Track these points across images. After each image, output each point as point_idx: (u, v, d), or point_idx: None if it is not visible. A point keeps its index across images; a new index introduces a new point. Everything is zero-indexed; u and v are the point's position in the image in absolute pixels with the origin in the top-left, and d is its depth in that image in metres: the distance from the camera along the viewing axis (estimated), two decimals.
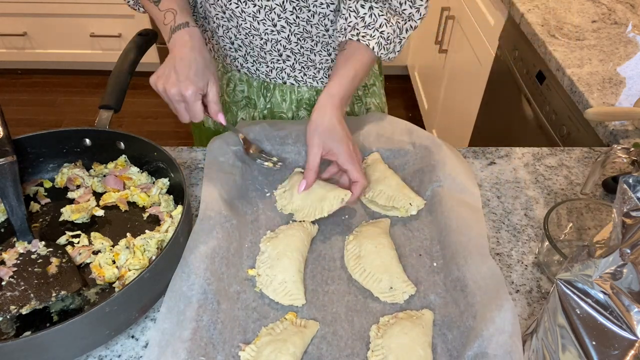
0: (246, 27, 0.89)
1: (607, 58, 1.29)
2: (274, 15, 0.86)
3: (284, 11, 0.85)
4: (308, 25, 0.88)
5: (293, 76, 0.98)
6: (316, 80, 0.99)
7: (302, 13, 0.85)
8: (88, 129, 0.83)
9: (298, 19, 0.86)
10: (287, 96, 1.01)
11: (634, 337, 0.45)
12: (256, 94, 1.02)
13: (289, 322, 0.66)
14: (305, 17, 0.86)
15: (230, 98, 1.04)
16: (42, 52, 2.90)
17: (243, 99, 1.03)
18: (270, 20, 0.87)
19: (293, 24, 0.87)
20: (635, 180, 0.49)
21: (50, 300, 0.64)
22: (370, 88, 1.07)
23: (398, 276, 0.71)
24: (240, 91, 1.02)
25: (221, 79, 1.03)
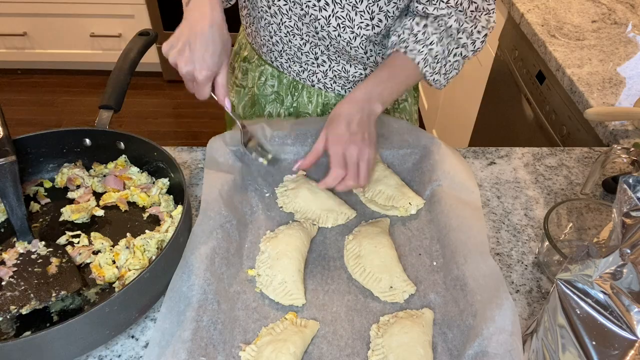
0: (289, 25, 0.89)
1: (607, 58, 1.29)
2: (317, 25, 0.86)
3: (327, 25, 0.85)
4: (348, 46, 0.88)
5: (323, 82, 0.98)
6: (345, 89, 0.99)
7: (344, 33, 0.85)
8: (88, 129, 0.83)
9: (339, 37, 0.86)
10: (313, 98, 1.01)
11: (634, 337, 0.45)
12: (285, 91, 1.02)
13: (289, 322, 0.66)
14: (347, 38, 0.86)
15: (260, 91, 1.04)
16: (42, 52, 2.90)
17: (272, 94, 1.04)
18: (313, 27, 0.87)
19: (334, 40, 0.87)
20: (635, 180, 0.49)
21: (50, 300, 0.64)
22: (401, 104, 1.06)
23: (398, 275, 0.71)
24: (270, 85, 1.03)
25: (254, 70, 1.04)
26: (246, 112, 1.10)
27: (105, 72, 2.82)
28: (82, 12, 2.71)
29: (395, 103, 1.05)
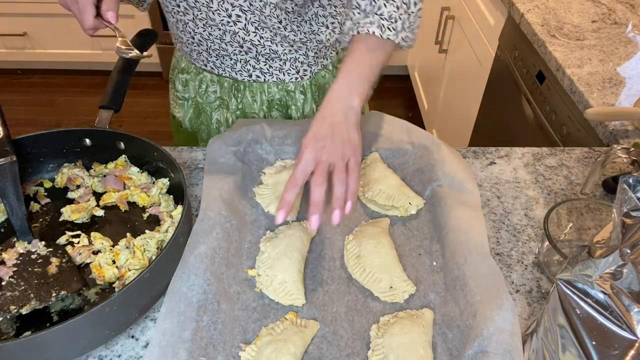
0: (202, 17, 0.88)
1: (607, 58, 1.29)
2: (227, 5, 0.85)
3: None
4: (262, 15, 0.86)
5: (259, 68, 0.97)
6: (283, 72, 0.98)
7: (254, 2, 0.84)
8: (88, 129, 0.83)
9: (252, 6, 0.85)
10: (257, 96, 1.01)
11: (634, 337, 0.45)
12: (227, 95, 1.02)
13: (289, 322, 0.66)
14: (259, 6, 0.85)
15: (204, 99, 1.04)
16: (42, 52, 2.90)
17: (216, 100, 1.03)
18: (224, 10, 0.86)
19: (248, 12, 0.86)
20: (635, 180, 0.49)
21: (50, 300, 0.64)
22: None
23: (398, 275, 0.71)
24: (212, 92, 1.03)
25: (194, 80, 1.03)
26: (193, 124, 1.10)
27: (105, 72, 2.81)
28: None
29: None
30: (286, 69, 0.97)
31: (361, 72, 0.76)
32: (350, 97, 0.74)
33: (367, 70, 0.77)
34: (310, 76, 1.01)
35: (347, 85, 0.75)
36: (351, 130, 0.72)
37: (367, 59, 0.77)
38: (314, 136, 0.71)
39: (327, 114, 0.73)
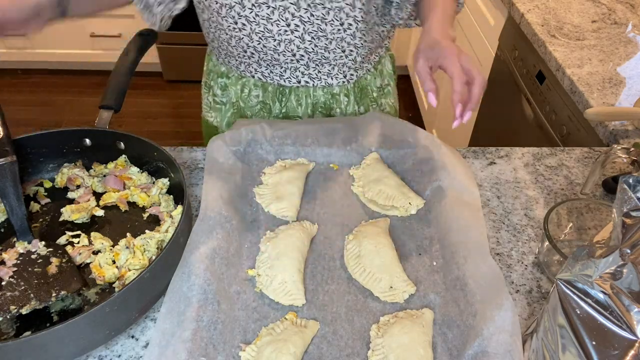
0: (259, 31, 0.88)
1: (607, 58, 1.29)
2: (288, 15, 0.86)
3: (298, 9, 0.85)
4: (322, 23, 0.87)
5: (307, 74, 0.97)
6: (331, 76, 0.98)
7: (316, 11, 0.85)
8: (88, 129, 0.83)
9: (312, 17, 0.86)
10: (302, 100, 1.00)
11: (634, 337, 0.45)
12: (271, 99, 1.01)
13: (289, 322, 0.66)
14: (320, 15, 0.86)
15: (245, 103, 1.03)
16: (42, 52, 2.90)
17: (258, 104, 1.02)
18: (284, 20, 0.87)
19: (307, 22, 0.87)
20: (635, 180, 0.49)
21: (50, 300, 0.64)
22: (385, 88, 1.07)
23: (398, 276, 0.71)
24: (255, 96, 1.01)
25: (235, 84, 1.02)
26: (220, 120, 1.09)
27: (105, 72, 2.81)
28: None
29: (379, 90, 1.06)
30: (334, 74, 0.98)
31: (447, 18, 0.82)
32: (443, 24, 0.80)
33: (449, 15, 0.83)
34: (356, 80, 1.01)
35: (442, 25, 0.80)
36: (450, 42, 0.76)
37: (449, 6, 0.84)
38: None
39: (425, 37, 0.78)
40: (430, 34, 0.77)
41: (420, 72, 0.75)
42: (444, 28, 0.79)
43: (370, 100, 1.05)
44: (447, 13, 0.83)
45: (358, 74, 1.01)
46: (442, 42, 0.75)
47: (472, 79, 0.72)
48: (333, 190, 0.86)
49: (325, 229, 0.80)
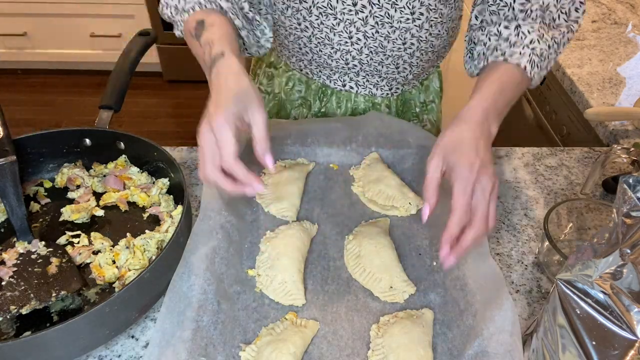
0: (320, 37, 0.87)
1: (607, 58, 1.29)
2: (353, 29, 0.84)
3: (364, 25, 0.83)
4: (385, 40, 0.85)
5: (355, 80, 0.96)
6: (377, 87, 0.97)
7: (382, 28, 0.83)
8: (88, 129, 0.83)
9: (377, 33, 0.84)
10: (342, 103, 1.00)
11: (634, 337, 0.45)
12: (313, 96, 1.01)
13: (289, 322, 0.66)
14: (385, 33, 0.84)
15: (287, 96, 1.03)
16: (42, 52, 2.90)
17: (299, 99, 1.02)
18: (347, 32, 0.85)
19: (370, 38, 0.85)
20: (635, 180, 0.49)
21: (50, 300, 0.64)
22: (428, 105, 1.05)
23: (398, 276, 0.71)
24: (297, 91, 1.01)
25: (281, 76, 1.02)
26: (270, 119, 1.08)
27: (105, 72, 2.81)
28: (82, 12, 2.71)
29: (422, 105, 1.05)
30: (381, 85, 0.97)
31: (505, 102, 0.72)
32: (490, 124, 0.69)
33: (507, 101, 0.72)
34: (400, 93, 1.01)
35: (492, 108, 0.69)
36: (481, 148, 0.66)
37: (508, 89, 0.72)
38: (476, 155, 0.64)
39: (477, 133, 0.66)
40: (461, 128, 0.66)
41: (430, 176, 0.65)
42: (484, 120, 0.67)
43: (412, 115, 1.04)
44: (503, 95, 0.71)
45: (404, 88, 1.00)
46: (467, 153, 0.63)
47: (472, 222, 0.62)
48: (333, 190, 0.86)
49: (325, 229, 0.80)
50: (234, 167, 0.60)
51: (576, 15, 0.77)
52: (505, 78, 0.72)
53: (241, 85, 0.62)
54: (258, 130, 0.62)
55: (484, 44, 0.78)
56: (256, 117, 0.62)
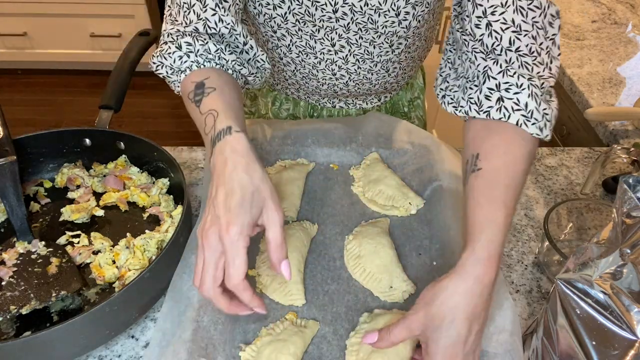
0: (300, 45, 0.82)
1: (607, 58, 1.29)
2: (335, 35, 0.79)
3: (347, 31, 0.78)
4: (371, 46, 0.80)
5: (344, 101, 0.95)
6: (367, 102, 0.96)
7: (367, 34, 0.78)
8: (88, 129, 0.83)
9: (361, 39, 0.79)
10: (334, 116, 0.98)
11: (634, 337, 0.45)
12: (302, 113, 0.99)
13: (289, 322, 0.66)
14: (370, 38, 0.79)
15: (275, 115, 1.00)
16: (42, 52, 2.90)
17: (288, 117, 1.00)
18: (329, 40, 0.80)
19: (354, 45, 0.80)
20: (635, 180, 0.49)
21: (50, 300, 0.64)
22: (414, 101, 1.04)
23: (398, 275, 0.71)
24: (285, 109, 0.99)
25: (265, 96, 0.98)
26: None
27: (105, 72, 2.81)
28: (82, 12, 2.71)
29: (409, 103, 1.03)
30: (370, 99, 0.96)
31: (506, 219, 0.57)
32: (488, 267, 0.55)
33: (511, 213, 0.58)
34: (389, 100, 1.00)
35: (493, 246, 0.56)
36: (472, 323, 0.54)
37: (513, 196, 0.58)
38: None
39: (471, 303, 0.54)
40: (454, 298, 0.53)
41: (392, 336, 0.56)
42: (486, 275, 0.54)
43: (401, 114, 1.03)
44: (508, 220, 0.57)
45: (392, 95, 0.99)
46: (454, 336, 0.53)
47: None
48: (333, 190, 0.86)
49: (325, 229, 0.80)
50: (240, 289, 0.55)
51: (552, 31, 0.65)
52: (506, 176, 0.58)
53: (254, 180, 0.55)
54: (274, 235, 0.56)
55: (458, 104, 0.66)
56: (272, 219, 0.56)
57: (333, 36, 0.79)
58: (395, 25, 0.77)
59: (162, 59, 0.66)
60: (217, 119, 0.60)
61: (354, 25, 0.77)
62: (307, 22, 0.77)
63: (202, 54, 0.65)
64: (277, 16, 0.77)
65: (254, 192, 0.55)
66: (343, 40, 0.80)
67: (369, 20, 0.76)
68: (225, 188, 0.55)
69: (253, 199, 0.55)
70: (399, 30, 0.78)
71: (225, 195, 0.54)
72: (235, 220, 0.53)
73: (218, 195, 0.55)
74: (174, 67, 0.66)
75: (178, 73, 0.67)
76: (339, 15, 0.75)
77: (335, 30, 0.78)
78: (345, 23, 0.76)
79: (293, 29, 0.79)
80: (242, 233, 0.53)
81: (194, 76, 0.65)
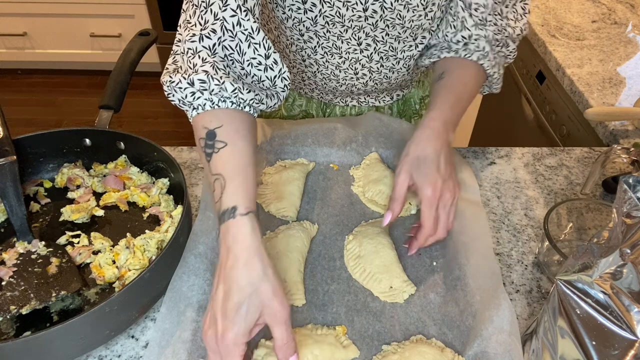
0: (327, 46, 0.82)
1: (607, 58, 1.29)
2: (362, 34, 0.80)
3: (374, 29, 0.79)
4: (396, 41, 0.82)
5: (357, 99, 0.96)
6: (379, 99, 0.97)
7: (393, 30, 0.80)
8: (88, 129, 0.83)
9: (387, 36, 0.80)
10: (347, 113, 0.99)
11: (634, 337, 0.45)
12: (315, 109, 1.00)
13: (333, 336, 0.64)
14: (396, 34, 0.80)
15: (288, 112, 1.01)
16: (42, 52, 2.90)
17: (300, 113, 1.00)
18: (355, 39, 0.81)
19: (380, 42, 0.81)
20: (635, 180, 0.49)
21: (50, 300, 0.64)
22: (426, 99, 1.05)
23: (398, 276, 0.71)
24: (298, 105, 1.00)
25: None
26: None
27: (105, 72, 2.81)
28: (82, 12, 2.71)
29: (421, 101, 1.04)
30: (382, 97, 0.97)
31: (461, 107, 0.78)
32: (449, 132, 0.75)
33: (464, 105, 0.79)
34: (401, 97, 1.01)
35: (450, 116, 0.76)
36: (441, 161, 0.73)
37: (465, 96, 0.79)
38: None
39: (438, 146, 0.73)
40: (423, 144, 0.72)
41: (398, 189, 0.72)
42: (444, 132, 0.74)
43: (413, 112, 1.03)
44: (459, 104, 0.78)
45: (404, 92, 1.00)
46: (430, 173, 0.71)
47: (421, 222, 0.72)
48: (333, 190, 0.86)
49: (325, 229, 0.80)
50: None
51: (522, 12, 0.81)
52: (459, 83, 0.79)
53: (253, 280, 0.54)
54: (280, 335, 0.55)
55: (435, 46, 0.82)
56: (276, 318, 0.55)
57: (360, 35, 0.80)
58: (421, 18, 0.78)
59: (173, 91, 0.62)
60: (224, 191, 0.59)
61: (382, 23, 0.78)
62: (336, 23, 0.77)
63: (217, 93, 0.61)
64: (307, 20, 0.77)
65: (252, 294, 0.54)
66: (370, 39, 0.81)
67: (397, 17, 0.77)
68: (224, 286, 0.55)
69: (250, 302, 0.54)
70: (424, 22, 0.79)
71: (224, 295, 0.54)
72: (231, 327, 0.53)
73: (218, 292, 0.55)
74: (186, 102, 0.63)
75: (190, 107, 0.63)
76: (369, 14, 0.77)
77: (363, 29, 0.79)
78: (374, 21, 0.78)
79: (321, 30, 0.79)
80: (237, 342, 0.53)
81: (206, 119, 0.62)
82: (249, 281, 0.54)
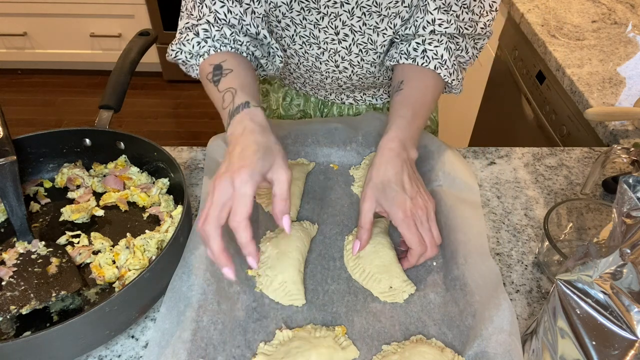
0: (304, 35, 0.84)
1: (607, 58, 1.29)
2: (338, 23, 0.81)
3: (351, 17, 0.80)
4: (374, 33, 0.82)
5: (352, 97, 0.97)
6: (376, 97, 0.98)
7: (370, 19, 0.80)
8: (88, 129, 0.83)
9: (365, 26, 0.81)
10: (344, 113, 1.00)
11: (634, 337, 0.45)
12: (313, 109, 1.00)
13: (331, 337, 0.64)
14: (373, 24, 0.81)
15: (286, 111, 1.02)
16: (42, 52, 2.90)
17: (298, 112, 1.01)
18: (333, 28, 0.82)
19: (357, 32, 0.82)
20: (635, 180, 0.49)
21: (50, 300, 0.64)
22: None
23: (397, 276, 0.71)
24: (296, 105, 1.00)
25: (276, 91, 0.99)
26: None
27: (105, 72, 2.81)
28: (82, 12, 2.71)
29: None
30: (379, 95, 0.97)
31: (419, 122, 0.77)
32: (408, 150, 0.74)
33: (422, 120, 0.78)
34: None
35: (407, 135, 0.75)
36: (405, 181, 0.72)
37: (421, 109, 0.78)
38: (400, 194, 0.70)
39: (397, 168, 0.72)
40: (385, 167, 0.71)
41: (363, 217, 0.71)
42: (403, 151, 0.73)
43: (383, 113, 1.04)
44: (416, 120, 0.76)
45: None
46: (395, 196, 0.69)
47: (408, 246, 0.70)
48: (333, 190, 0.86)
49: (325, 229, 0.80)
50: (242, 227, 0.58)
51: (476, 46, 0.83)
52: (418, 95, 0.78)
53: (268, 142, 0.62)
54: (280, 189, 0.61)
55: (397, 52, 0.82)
56: (280, 175, 0.62)
57: (337, 24, 0.81)
58: (398, 4, 0.79)
59: (181, 45, 0.75)
60: (235, 95, 0.67)
61: (358, 10, 0.79)
62: (311, 9, 0.79)
63: (218, 39, 0.73)
64: (282, 4, 0.79)
65: (267, 149, 0.61)
66: (347, 28, 0.81)
67: (374, 4, 0.78)
68: (241, 145, 0.61)
69: (266, 153, 0.61)
70: (401, 10, 0.80)
71: (241, 149, 0.61)
72: (248, 164, 0.59)
73: (235, 150, 0.61)
74: (193, 52, 0.74)
75: (197, 57, 0.74)
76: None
77: (339, 16, 0.80)
78: (350, 8, 0.78)
79: (297, 17, 0.81)
80: (253, 177, 0.58)
81: (211, 59, 0.72)
82: (265, 141, 0.62)
